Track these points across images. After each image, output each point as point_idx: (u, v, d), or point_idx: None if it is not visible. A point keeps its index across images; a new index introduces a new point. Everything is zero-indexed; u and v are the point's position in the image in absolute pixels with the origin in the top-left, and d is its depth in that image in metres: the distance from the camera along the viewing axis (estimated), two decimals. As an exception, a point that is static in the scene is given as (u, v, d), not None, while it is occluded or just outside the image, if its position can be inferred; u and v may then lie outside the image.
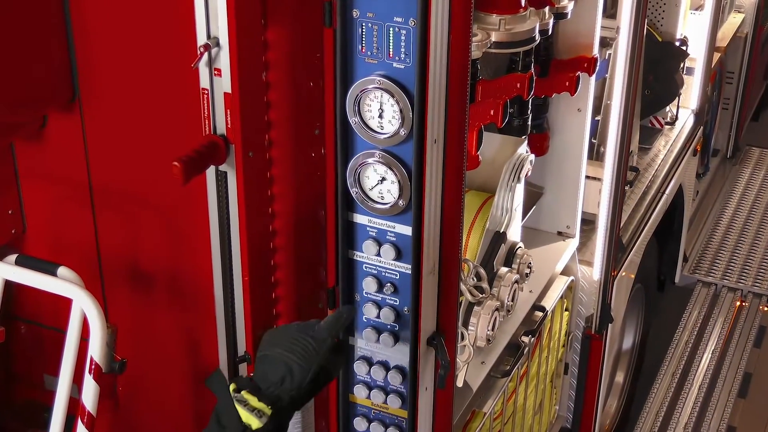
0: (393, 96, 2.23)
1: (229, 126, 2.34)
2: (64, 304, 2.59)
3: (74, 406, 2.60)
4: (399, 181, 2.32)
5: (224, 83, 2.29)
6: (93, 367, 2.46)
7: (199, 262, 2.58)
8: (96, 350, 2.45)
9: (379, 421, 2.63)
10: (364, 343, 2.54)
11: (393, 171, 2.31)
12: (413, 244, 2.37)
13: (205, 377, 2.21)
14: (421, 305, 2.44)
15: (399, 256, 2.40)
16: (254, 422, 2.11)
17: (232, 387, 2.17)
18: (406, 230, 2.38)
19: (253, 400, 2.13)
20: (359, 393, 2.60)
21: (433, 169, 2.31)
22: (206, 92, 2.34)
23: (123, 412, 2.72)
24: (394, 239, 2.40)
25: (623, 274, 4.21)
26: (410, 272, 2.40)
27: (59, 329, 2.65)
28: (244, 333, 2.52)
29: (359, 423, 2.65)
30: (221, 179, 2.43)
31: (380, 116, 2.26)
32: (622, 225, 4.07)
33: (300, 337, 2.17)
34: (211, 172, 2.44)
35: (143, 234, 2.73)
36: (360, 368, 2.57)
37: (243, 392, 2.15)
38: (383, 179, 2.33)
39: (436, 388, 2.57)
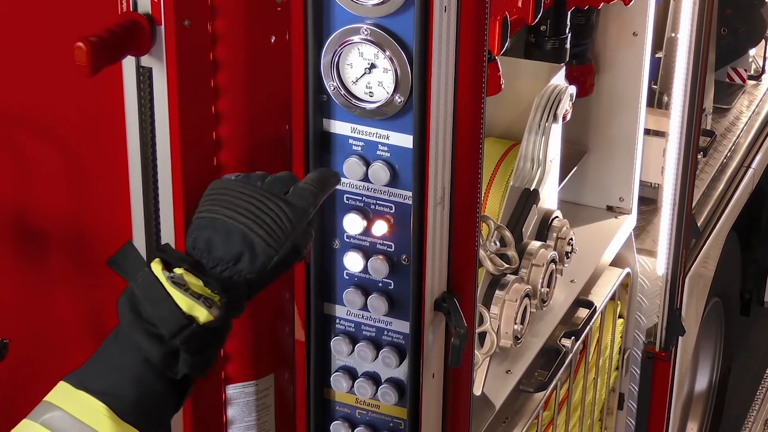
0: (386, -60, 2.24)
1: (155, 0, 2.31)
2: None
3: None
4: (395, 69, 2.29)
5: (148, -64, 2.30)
6: (-39, 339, 2.42)
7: (111, 204, 2.55)
8: (-35, 315, 2.40)
9: (368, 426, 2.59)
10: (344, 310, 2.52)
11: (386, 53, 2.29)
12: (415, 160, 2.35)
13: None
14: (426, 251, 2.41)
15: (395, 180, 2.39)
16: (201, 313, 1.99)
17: (157, 265, 2.03)
18: (405, 140, 2.36)
19: (197, 284, 2.02)
20: (338, 385, 2.58)
21: (442, 48, 2.29)
22: (123, -49, 2.34)
23: (2, 417, 2.67)
24: (387, 155, 2.38)
25: (693, 281, 4.19)
26: (410, 202, 2.38)
27: None
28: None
29: (339, 429, 2.61)
30: (144, 78, 2.39)
31: (368, -27, 2.27)
32: (693, 205, 4.07)
33: (270, 200, 2.06)
34: (130, 70, 2.40)
35: (31, 172, 2.69)
36: (339, 348, 2.54)
37: (180, 270, 2.03)
38: (372, 66, 2.31)
39: (447, 370, 2.54)
